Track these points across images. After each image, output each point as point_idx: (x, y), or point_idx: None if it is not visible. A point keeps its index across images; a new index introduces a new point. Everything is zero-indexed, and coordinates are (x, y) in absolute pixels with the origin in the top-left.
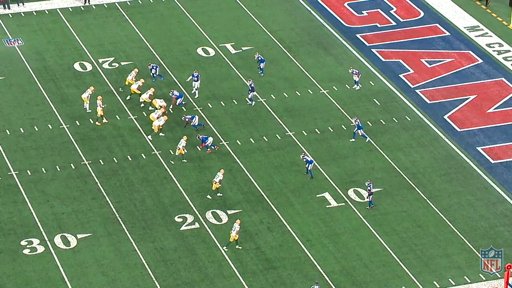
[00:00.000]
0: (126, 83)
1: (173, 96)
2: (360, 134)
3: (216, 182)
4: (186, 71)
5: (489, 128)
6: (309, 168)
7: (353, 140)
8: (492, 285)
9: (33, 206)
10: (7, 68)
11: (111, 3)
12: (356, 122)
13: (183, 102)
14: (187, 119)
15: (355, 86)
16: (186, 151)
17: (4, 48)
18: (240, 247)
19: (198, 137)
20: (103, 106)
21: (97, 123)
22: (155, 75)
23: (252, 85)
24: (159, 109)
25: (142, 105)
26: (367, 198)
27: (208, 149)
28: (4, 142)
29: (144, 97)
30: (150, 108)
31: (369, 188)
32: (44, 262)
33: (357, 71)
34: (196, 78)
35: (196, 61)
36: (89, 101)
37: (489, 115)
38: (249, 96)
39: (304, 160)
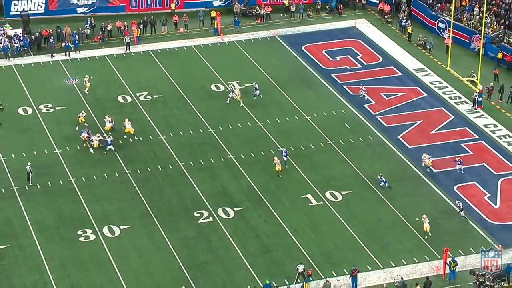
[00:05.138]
0: (126, 131)
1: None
2: (383, 185)
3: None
4: (202, 102)
5: (432, 145)
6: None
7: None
8: (434, 264)
9: (87, 204)
10: (67, 100)
11: (146, 51)
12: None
13: (113, 148)
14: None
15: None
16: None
17: (65, 85)
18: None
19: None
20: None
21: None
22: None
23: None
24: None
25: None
26: (461, 213)
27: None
28: (65, 156)
29: (108, 126)
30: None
31: (459, 205)
32: (95, 247)
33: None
34: (256, 87)
35: (209, 94)
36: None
37: (431, 136)
38: None
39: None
